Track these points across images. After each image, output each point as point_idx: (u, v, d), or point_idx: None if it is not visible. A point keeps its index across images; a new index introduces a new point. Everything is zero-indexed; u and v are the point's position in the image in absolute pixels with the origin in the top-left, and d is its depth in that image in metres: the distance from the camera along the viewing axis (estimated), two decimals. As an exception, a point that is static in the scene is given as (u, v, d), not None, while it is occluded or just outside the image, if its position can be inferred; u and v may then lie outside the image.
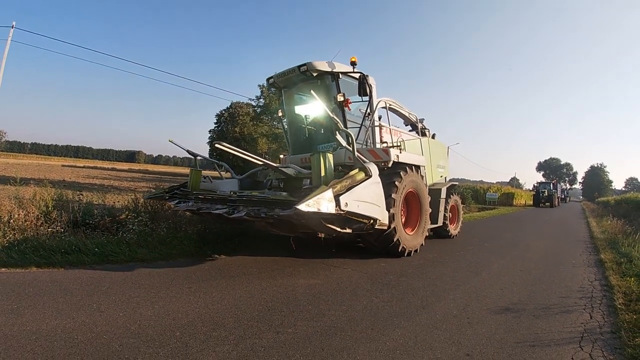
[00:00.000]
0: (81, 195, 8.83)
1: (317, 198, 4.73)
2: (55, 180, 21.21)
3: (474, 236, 12.22)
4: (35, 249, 5.87)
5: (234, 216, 5.67)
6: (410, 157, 8.34)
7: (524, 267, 7.43)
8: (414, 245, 7.90)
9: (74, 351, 3.05)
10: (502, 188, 54.33)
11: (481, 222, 18.45)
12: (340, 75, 7.84)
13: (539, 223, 20.14)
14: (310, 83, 8.18)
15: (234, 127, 47.03)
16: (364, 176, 5.71)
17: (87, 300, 4.22)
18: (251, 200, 5.98)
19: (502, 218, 22.56)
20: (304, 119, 8.76)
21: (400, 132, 9.69)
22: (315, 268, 6.33)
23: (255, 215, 5.41)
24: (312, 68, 7.72)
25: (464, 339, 3.67)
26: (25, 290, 4.45)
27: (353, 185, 5.40)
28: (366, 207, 5.55)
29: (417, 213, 8.53)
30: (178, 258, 6.52)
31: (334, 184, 5.16)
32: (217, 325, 3.73)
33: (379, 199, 5.92)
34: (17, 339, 3.21)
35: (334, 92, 7.79)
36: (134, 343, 3.24)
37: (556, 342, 3.72)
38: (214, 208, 6.20)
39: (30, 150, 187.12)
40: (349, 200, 5.16)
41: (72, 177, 29.53)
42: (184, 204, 7.00)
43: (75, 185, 19.69)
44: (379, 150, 7.72)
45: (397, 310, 4.42)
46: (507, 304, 4.89)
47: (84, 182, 24.85)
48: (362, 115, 8.19)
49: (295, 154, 9.14)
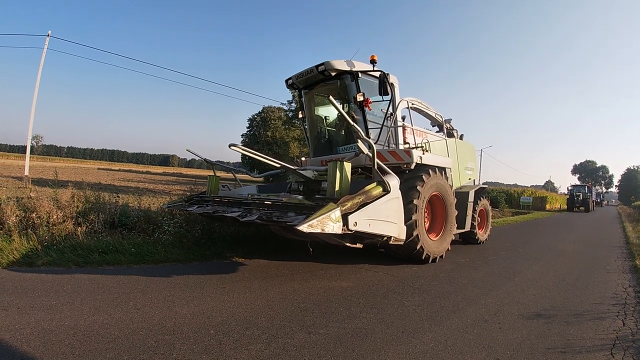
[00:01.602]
0: (118, 197, 9.05)
1: (322, 218, 4.38)
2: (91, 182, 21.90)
3: (507, 241, 12.02)
4: (74, 248, 6.04)
5: (246, 219, 5.44)
6: (434, 159, 8.02)
7: (557, 272, 7.27)
8: (439, 251, 7.54)
9: (111, 346, 3.15)
10: (537, 192, 53.01)
11: (514, 227, 18.09)
12: (359, 74, 7.61)
13: (573, 228, 19.62)
14: (329, 83, 8.04)
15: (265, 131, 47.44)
16: (381, 192, 5.32)
17: (124, 298, 4.34)
18: (265, 203, 5.82)
19: (536, 223, 22.09)
20: (323, 121, 8.65)
21: (426, 132, 9.39)
22: (346, 271, 6.34)
23: (267, 219, 5.18)
24: (330, 67, 7.52)
25: (495, 344, 3.64)
26: (63, 288, 4.60)
27: (367, 203, 5.02)
28: (379, 226, 5.21)
29: (442, 217, 8.15)
30: (212, 259, 6.62)
31: (344, 201, 4.75)
32: (250, 324, 3.79)
33: (395, 215, 5.54)
34: (55, 333, 3.33)
35: (354, 92, 7.57)
36: (169, 339, 3.32)
37: (587, 349, 3.66)
38: (229, 211, 5.98)
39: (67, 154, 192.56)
40: (360, 219, 4.81)
41: (108, 180, 30.26)
42: (201, 207, 6.85)
43: (111, 187, 20.20)
44: (401, 152, 7.32)
45: (428, 314, 4.41)
46: (539, 310, 4.81)
47: (119, 184, 25.41)
48: (385, 115, 7.88)
49: (316, 156, 8.90)
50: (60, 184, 8.75)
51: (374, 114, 7.97)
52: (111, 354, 3.02)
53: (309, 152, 9.51)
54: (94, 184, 22.08)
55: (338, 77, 7.77)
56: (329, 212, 4.46)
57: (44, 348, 3.04)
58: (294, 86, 8.73)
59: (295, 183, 8.03)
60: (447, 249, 7.93)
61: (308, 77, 8.10)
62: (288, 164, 7.35)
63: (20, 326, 3.43)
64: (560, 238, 14.09)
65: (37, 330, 3.36)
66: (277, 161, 6.77)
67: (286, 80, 8.73)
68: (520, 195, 44.50)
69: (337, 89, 7.97)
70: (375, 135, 7.68)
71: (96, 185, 19.86)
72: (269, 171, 10.44)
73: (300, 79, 8.27)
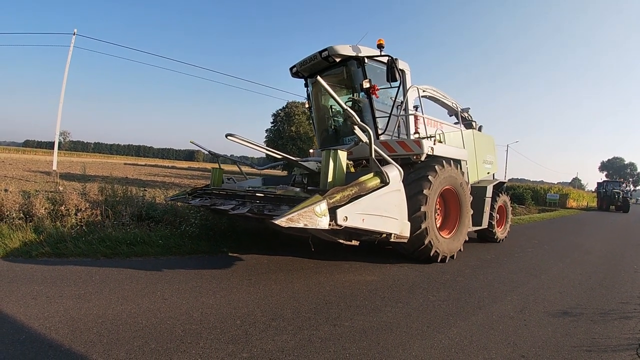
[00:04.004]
0: (145, 190, 9.20)
1: (304, 211, 3.93)
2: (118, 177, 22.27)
3: (533, 238, 11.87)
4: (102, 240, 6.15)
5: (236, 212, 5.18)
6: (447, 150, 7.55)
7: (584, 271, 7.14)
8: (450, 250, 6.99)
9: (138, 334, 3.21)
10: (564, 189, 51.82)
11: (541, 224, 17.80)
12: (366, 60, 7.13)
13: (601, 226, 19.24)
14: (334, 70, 7.65)
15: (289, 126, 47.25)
16: (378, 183, 4.82)
17: (151, 288, 4.42)
18: (257, 195, 5.49)
19: (563, 220, 21.73)
20: (330, 110, 8.35)
21: (440, 123, 8.90)
22: (372, 265, 6.31)
23: (259, 212, 4.84)
24: (333, 53, 7.12)
25: (520, 341, 3.61)
26: (92, 278, 4.70)
27: (360, 195, 4.53)
28: (375, 221, 4.72)
29: (455, 214, 7.64)
30: (238, 251, 6.64)
31: (333, 193, 4.29)
32: (275, 315, 3.82)
33: (395, 210, 5.06)
34: (83, 321, 3.40)
35: (360, 79, 7.16)
36: (196, 329, 3.38)
37: (613, 348, 3.59)
38: (225, 204, 5.72)
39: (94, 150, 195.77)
40: (351, 213, 4.32)
41: (135, 175, 30.68)
42: (201, 200, 6.67)
43: (137, 181, 20.45)
44: (410, 142, 6.92)
45: (453, 310, 4.38)
46: (565, 308, 4.74)
47: (146, 179, 25.77)
48: (393, 103, 7.41)
49: (322, 147, 8.22)
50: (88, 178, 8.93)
51: (384, 103, 7.61)
52: (139, 342, 3.08)
53: (317, 143, 9.15)
54: (121, 178, 22.49)
55: (343, 63, 7.41)
56: (312, 204, 4.01)
57: (72, 336, 3.11)
58: (299, 74, 8.34)
59: (300, 175, 7.60)
60: (459, 249, 7.44)
61: (312, 64, 7.70)
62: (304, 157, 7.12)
63: (49, 314, 3.51)
64: (587, 235, 13.90)
65: (65, 319, 3.44)
66: (278, 152, 6.56)
67: (290, 69, 8.34)
68: (547, 192, 42.99)
69: (343, 76, 7.70)
70: (383, 125, 7.40)
71: (123, 180, 20.21)
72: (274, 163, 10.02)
73: (305, 66, 7.86)
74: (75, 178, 10.56)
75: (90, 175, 18.59)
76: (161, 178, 28.98)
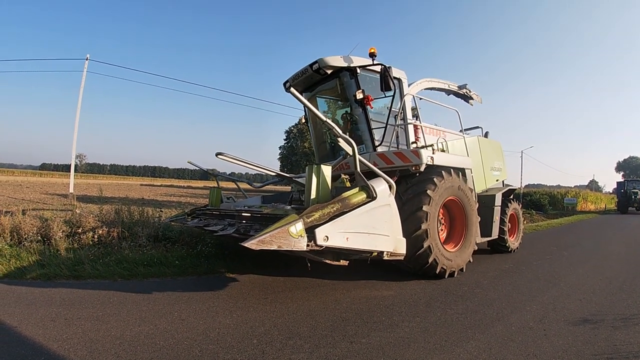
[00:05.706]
0: (161, 211, 9.28)
1: (277, 232, 3.70)
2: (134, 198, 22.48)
3: (551, 244, 11.72)
4: (119, 261, 6.22)
5: (222, 233, 5.07)
6: (449, 159, 7.13)
7: (604, 276, 7.04)
8: (457, 264, 6.63)
9: (156, 355, 3.24)
10: (581, 192, 50.77)
11: (559, 230, 17.53)
12: (358, 70, 6.91)
13: (619, 229, 18.92)
14: (328, 83, 7.51)
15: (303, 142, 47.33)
16: (364, 198, 4.56)
17: (168, 309, 4.45)
18: (244, 215, 5.37)
19: (581, 225, 21.41)
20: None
21: (442, 131, 8.58)
22: (389, 281, 6.25)
23: (245, 232, 4.69)
24: (324, 64, 6.87)
25: (540, 351, 3.56)
26: (110, 299, 4.75)
27: (344, 212, 4.28)
28: (362, 239, 4.43)
29: (461, 225, 7.21)
30: (254, 270, 6.60)
31: (311, 212, 4.09)
32: (292, 334, 3.82)
33: (386, 226, 4.77)
34: (101, 343, 3.44)
35: (353, 90, 6.94)
36: (213, 349, 3.40)
37: (635, 355, 3.55)
38: (215, 224, 5.67)
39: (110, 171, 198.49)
40: (332, 232, 4.06)
41: (151, 195, 30.90)
42: (197, 220, 6.61)
43: (153, 202, 20.61)
44: (407, 152, 6.55)
45: (472, 322, 4.34)
46: (585, 315, 4.68)
47: (162, 199, 25.94)
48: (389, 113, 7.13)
49: (320, 162, 7.63)
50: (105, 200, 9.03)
51: (382, 113, 7.43)
52: (157, 363, 3.10)
53: (315, 158, 9.01)
54: (137, 199, 22.70)
55: (336, 75, 7.21)
56: (287, 224, 3.82)
57: (90, 357, 3.15)
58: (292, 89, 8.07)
59: (297, 192, 7.51)
60: (468, 261, 7.06)
61: (304, 77, 7.45)
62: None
63: (68, 336, 3.56)
64: (606, 240, 13.71)
65: (84, 340, 3.48)
66: (271, 169, 6.39)
67: (284, 84, 8.01)
68: (564, 197, 41.45)
69: (337, 89, 7.51)
70: (379, 136, 7.20)
71: (139, 201, 20.43)
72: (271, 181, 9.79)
73: (297, 80, 7.57)
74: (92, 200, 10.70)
75: (107, 197, 18.79)
76: (177, 198, 29.12)
